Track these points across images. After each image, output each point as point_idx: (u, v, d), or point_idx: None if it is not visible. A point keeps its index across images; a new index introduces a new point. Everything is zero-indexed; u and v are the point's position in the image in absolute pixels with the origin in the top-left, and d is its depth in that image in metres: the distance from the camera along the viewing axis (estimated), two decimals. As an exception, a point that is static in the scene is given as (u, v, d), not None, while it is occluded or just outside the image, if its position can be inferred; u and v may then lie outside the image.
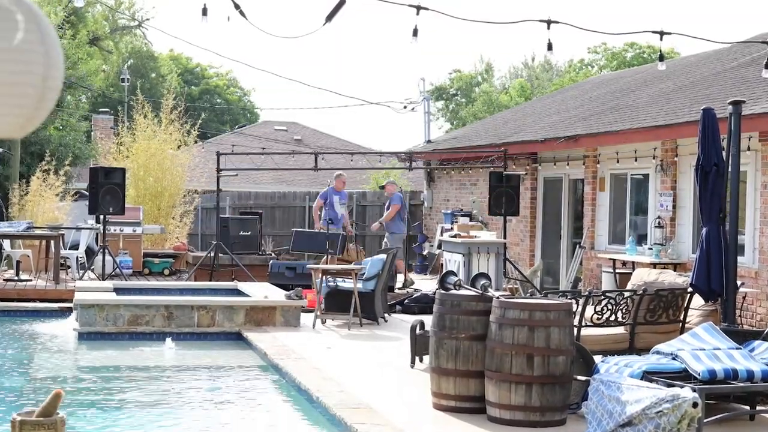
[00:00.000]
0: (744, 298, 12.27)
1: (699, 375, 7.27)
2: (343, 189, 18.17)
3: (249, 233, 18.79)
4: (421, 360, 9.82)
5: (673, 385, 6.95)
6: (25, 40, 2.81)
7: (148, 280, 17.25)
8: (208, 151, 26.77)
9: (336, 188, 17.94)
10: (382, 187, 19.59)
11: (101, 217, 16.75)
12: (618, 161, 16.11)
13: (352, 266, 14.18)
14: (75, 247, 18.17)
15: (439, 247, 18.95)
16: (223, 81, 59.57)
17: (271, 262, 17.27)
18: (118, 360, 11.01)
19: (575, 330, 8.43)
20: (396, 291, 16.44)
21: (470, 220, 19.87)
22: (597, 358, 7.96)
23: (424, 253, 22.25)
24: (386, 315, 13.79)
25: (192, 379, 10.08)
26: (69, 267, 17.63)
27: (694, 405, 6.53)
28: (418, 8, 10.30)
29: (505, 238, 17.22)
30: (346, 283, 13.31)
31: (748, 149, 12.84)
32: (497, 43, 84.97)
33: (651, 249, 14.62)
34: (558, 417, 7.40)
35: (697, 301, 9.71)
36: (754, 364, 7.44)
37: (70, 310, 13.38)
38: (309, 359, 10.18)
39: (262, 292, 13.64)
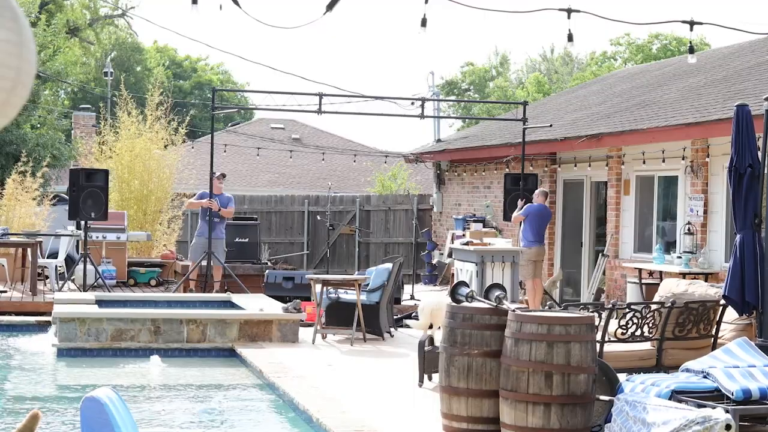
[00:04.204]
0: (782, 311, 12.26)
1: (732, 395, 7.27)
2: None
3: (247, 240, 18.81)
4: (430, 378, 9.84)
5: (704, 406, 6.96)
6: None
7: (133, 292, 17.28)
8: (198, 151, 26.81)
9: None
10: None
11: (82, 222, 16.79)
12: (644, 162, 16.12)
13: (355, 276, 14.20)
14: (54, 255, 18.20)
15: (450, 255, 18.96)
16: (216, 75, 59.69)
17: (267, 271, 17.29)
18: (100, 378, 11.02)
19: (598, 346, 8.44)
20: (403, 303, 16.47)
21: (483, 227, 19.90)
22: (621, 377, 7.97)
23: (434, 261, 22.27)
24: (392, 329, 13.81)
25: (181, 398, 10.10)
26: (47, 277, 17.66)
27: (728, 427, 6.53)
28: (427, -4, 10.34)
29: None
30: (348, 295, 13.33)
31: (786, 149, 12.84)
32: (513, 34, 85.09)
33: (680, 257, 14.63)
34: (579, 440, 7.41)
35: (731, 314, 9.72)
36: (793, 382, 7.45)
37: (48, 324, 13.41)
38: (308, 377, 10.20)
39: (257, 304, 13.66)
